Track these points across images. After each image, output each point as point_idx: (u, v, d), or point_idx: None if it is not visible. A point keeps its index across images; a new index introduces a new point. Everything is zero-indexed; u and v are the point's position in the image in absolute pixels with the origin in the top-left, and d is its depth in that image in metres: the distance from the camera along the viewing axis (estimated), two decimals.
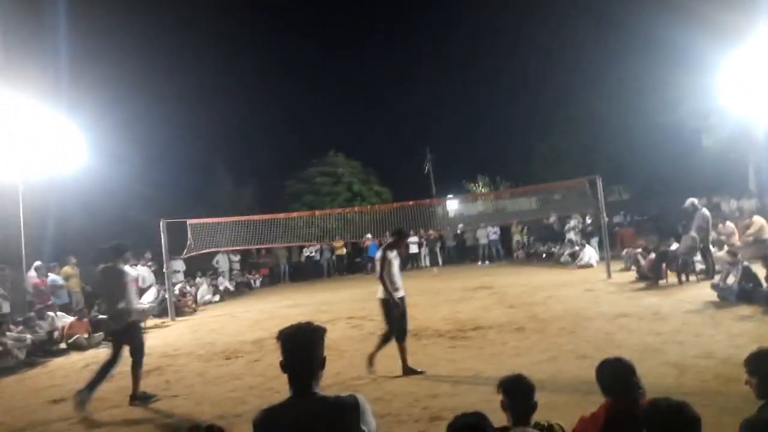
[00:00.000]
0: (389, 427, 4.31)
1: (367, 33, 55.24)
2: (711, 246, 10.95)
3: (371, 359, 5.94)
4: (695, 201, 11.29)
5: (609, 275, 12.11)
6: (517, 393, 2.63)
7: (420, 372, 5.82)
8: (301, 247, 21.21)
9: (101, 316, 10.49)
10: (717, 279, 8.87)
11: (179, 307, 13.28)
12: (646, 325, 7.08)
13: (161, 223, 13.12)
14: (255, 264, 20.83)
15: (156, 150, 22.69)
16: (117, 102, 20.13)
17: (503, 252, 20.25)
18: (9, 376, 7.84)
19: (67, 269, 12.76)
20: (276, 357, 2.19)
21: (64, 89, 13.85)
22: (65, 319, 10.12)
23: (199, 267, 17.28)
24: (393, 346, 5.95)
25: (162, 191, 21.31)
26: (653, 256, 11.29)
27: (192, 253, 15.31)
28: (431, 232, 21.41)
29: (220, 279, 17.48)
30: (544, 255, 18.04)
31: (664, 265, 10.83)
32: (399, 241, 6.25)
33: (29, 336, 8.86)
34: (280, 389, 5.18)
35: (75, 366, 8.17)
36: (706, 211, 11.10)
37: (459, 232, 21.73)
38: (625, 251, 13.89)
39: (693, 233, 10.65)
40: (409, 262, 19.88)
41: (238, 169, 28.24)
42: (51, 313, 10.20)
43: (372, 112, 50.44)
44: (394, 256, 6.06)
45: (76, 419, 5.40)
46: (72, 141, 12.17)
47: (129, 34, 23.98)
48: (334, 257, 21.45)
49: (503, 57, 42.28)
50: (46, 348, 9.16)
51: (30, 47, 12.49)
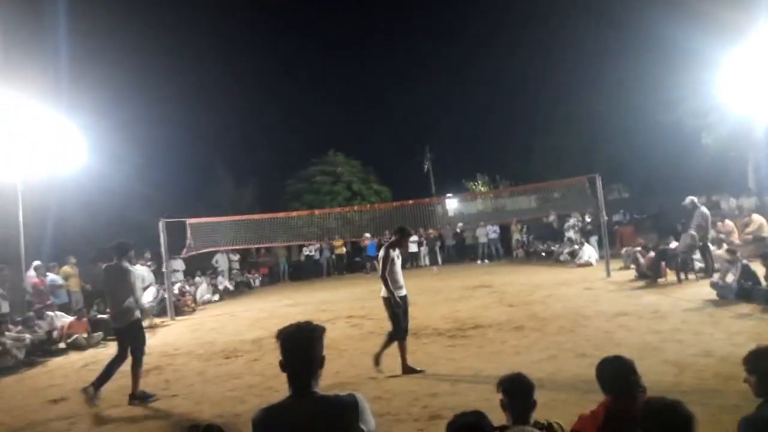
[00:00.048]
0: (389, 426, 4.31)
1: (367, 33, 55.33)
2: (710, 244, 10.95)
3: (377, 359, 5.94)
4: (695, 199, 11.30)
5: (608, 274, 12.11)
6: (517, 392, 2.63)
7: (419, 371, 5.82)
8: (301, 247, 21.18)
9: (101, 315, 10.51)
10: (716, 277, 8.88)
11: (179, 307, 13.28)
12: (645, 324, 7.08)
13: (160, 223, 13.12)
14: (254, 263, 20.79)
15: (156, 150, 22.77)
16: (117, 102, 20.20)
17: (503, 251, 20.21)
18: (8, 375, 7.85)
19: (67, 269, 12.76)
20: (275, 356, 2.19)
21: (63, 89, 13.88)
22: (64, 319, 10.11)
23: (199, 266, 17.26)
24: (393, 344, 5.94)
25: (162, 191, 21.36)
26: (652, 254, 11.30)
27: (192, 253, 15.29)
28: (431, 231, 21.40)
29: (219, 278, 17.46)
30: (543, 254, 18.04)
31: (663, 264, 10.84)
32: (402, 240, 6.21)
33: (28, 336, 8.87)
34: (279, 388, 5.19)
35: (74, 366, 8.18)
36: (705, 210, 11.10)
37: (458, 231, 21.68)
38: (625, 250, 13.89)
39: (692, 231, 10.66)
40: (409, 261, 19.87)
41: (238, 169, 28.31)
42: (50, 313, 10.20)
43: (372, 111, 50.47)
44: (397, 254, 6.04)
45: (75, 419, 5.41)
46: (71, 141, 12.15)
47: (128, 34, 24.04)
48: (333, 256, 21.42)
49: (503, 57, 42.40)
50: (45, 348, 9.16)
51: (30, 47, 12.50)
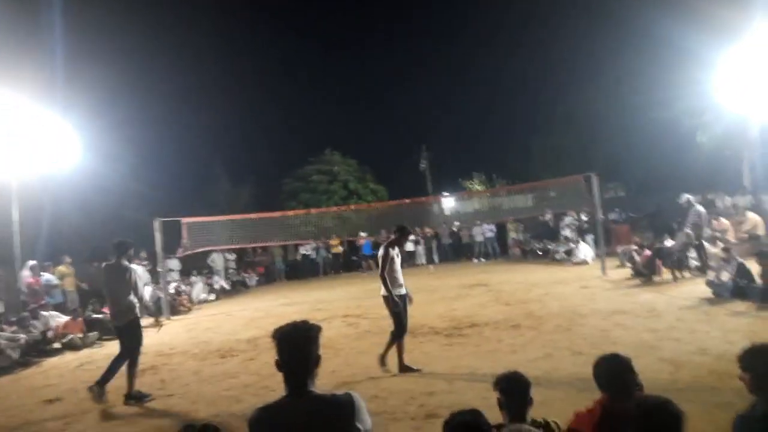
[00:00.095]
0: (385, 425, 4.31)
1: (367, 33, 55.27)
2: (705, 242, 10.99)
3: (383, 359, 5.93)
4: (690, 197, 11.33)
5: (604, 272, 12.14)
6: (514, 390, 2.63)
7: (416, 370, 5.81)
8: (297, 246, 21.17)
9: (96, 315, 10.47)
10: (711, 275, 8.92)
11: (174, 306, 13.25)
12: (641, 322, 7.10)
13: (156, 222, 13.08)
14: (250, 262, 20.77)
15: (152, 149, 22.73)
16: (112, 101, 20.12)
17: (499, 249, 20.25)
18: (3, 376, 7.82)
19: (62, 268, 12.73)
20: (271, 355, 2.18)
21: (58, 89, 13.79)
22: (59, 319, 10.09)
23: (195, 266, 17.23)
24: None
25: (158, 190, 21.30)
26: (648, 252, 11.33)
27: (187, 252, 15.26)
28: (427, 229, 21.41)
29: (215, 278, 17.43)
30: (539, 252, 18.06)
31: (659, 262, 10.87)
32: (401, 238, 6.19)
33: (23, 336, 8.84)
34: (275, 388, 5.18)
35: (69, 366, 8.15)
36: (701, 208, 11.15)
37: (455, 229, 21.72)
38: (621, 248, 13.93)
39: (688, 230, 10.69)
40: (405, 260, 19.81)
41: (236, 168, 28.27)
42: (45, 313, 10.18)
43: (371, 111, 50.51)
44: (396, 253, 6.03)
45: (70, 419, 5.39)
46: (67, 140, 12.12)
47: (125, 33, 23.97)
48: (330, 255, 21.41)
49: (503, 57, 42.44)
50: (40, 348, 9.13)
51: (25, 47, 12.41)
